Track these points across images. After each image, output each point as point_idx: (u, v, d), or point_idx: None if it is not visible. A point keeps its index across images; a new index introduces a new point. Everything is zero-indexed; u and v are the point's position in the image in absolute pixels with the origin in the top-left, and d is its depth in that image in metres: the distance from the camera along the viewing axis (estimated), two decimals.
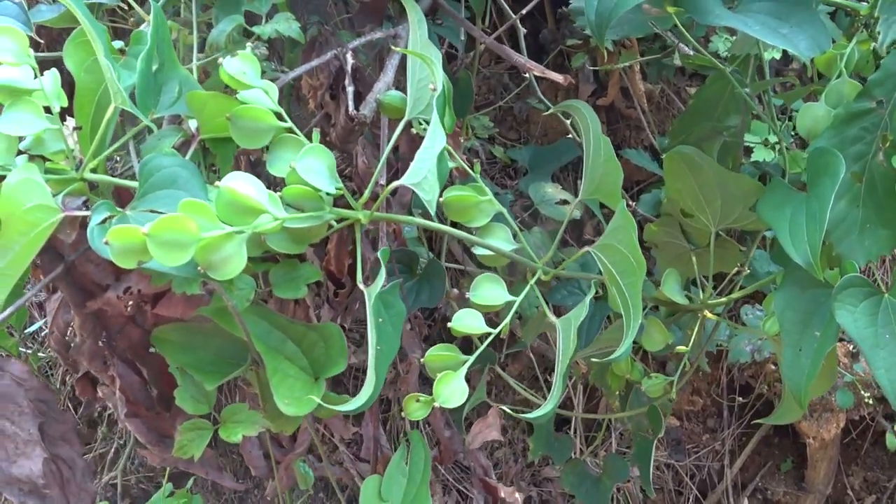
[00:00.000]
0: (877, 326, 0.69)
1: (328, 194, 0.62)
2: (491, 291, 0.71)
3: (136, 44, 0.68)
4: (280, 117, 0.63)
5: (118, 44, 0.74)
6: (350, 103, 0.78)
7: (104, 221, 0.57)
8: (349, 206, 0.65)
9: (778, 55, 1.31)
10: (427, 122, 0.63)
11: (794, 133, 1.18)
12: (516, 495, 0.88)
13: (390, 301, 0.65)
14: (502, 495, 0.88)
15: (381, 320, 0.63)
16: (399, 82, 0.77)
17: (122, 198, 0.65)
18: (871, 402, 1.61)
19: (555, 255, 0.78)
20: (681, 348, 0.91)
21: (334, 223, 0.65)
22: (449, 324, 0.69)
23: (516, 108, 1.68)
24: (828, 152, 0.69)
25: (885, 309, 0.69)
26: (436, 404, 0.64)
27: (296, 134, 0.64)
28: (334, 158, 0.64)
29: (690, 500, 1.76)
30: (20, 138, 0.61)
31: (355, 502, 0.84)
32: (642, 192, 1.63)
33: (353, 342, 1.51)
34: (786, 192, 0.74)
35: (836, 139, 0.72)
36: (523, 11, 1.12)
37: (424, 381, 0.78)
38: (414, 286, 0.91)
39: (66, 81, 0.64)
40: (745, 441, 1.79)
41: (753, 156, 1.37)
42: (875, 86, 0.70)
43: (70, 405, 1.66)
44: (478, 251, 0.74)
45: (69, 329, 0.79)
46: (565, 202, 1.11)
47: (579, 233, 1.47)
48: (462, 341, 0.75)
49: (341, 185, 0.63)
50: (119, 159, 0.91)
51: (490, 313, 0.71)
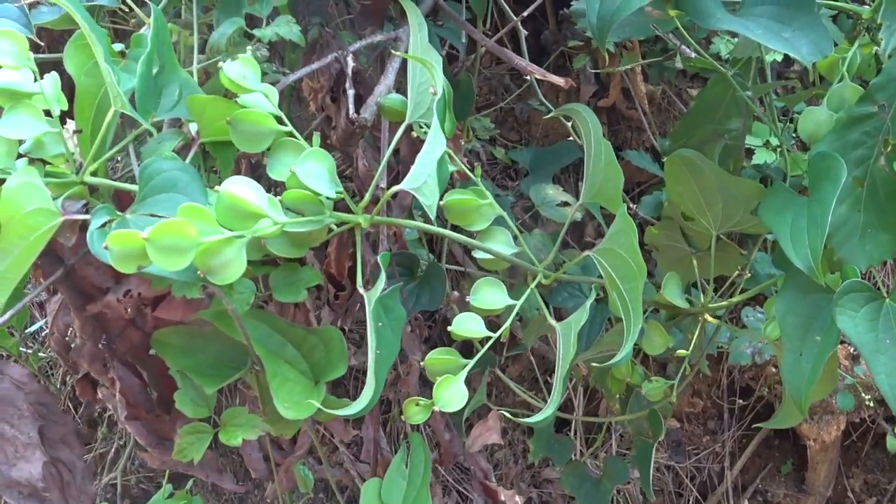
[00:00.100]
0: (877, 331, 0.69)
1: (328, 198, 0.62)
2: (491, 295, 0.71)
3: (137, 47, 0.68)
4: (280, 121, 0.63)
5: (119, 46, 0.74)
6: (351, 106, 0.78)
7: (104, 225, 0.56)
8: (349, 210, 0.65)
9: (779, 57, 1.31)
10: (428, 126, 0.63)
11: (795, 135, 1.17)
12: (516, 498, 0.88)
13: (390, 305, 0.64)
14: (502, 499, 0.88)
15: (380, 325, 0.63)
16: (400, 84, 0.77)
17: (122, 201, 0.65)
18: (871, 404, 1.61)
19: (556, 257, 0.78)
20: (681, 352, 0.91)
21: (334, 227, 0.65)
22: (450, 327, 0.69)
23: (517, 110, 1.68)
24: (829, 156, 0.69)
25: (886, 314, 0.69)
26: (436, 408, 0.64)
27: (296, 138, 0.64)
28: (334, 161, 0.63)
29: (690, 501, 1.76)
30: (20, 141, 0.61)
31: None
32: (643, 193, 1.62)
33: (353, 343, 1.50)
34: (787, 196, 0.74)
35: (838, 143, 0.71)
36: (525, 13, 1.12)
37: (425, 383, 0.77)
38: (414, 289, 0.90)
39: (67, 84, 0.64)
40: (745, 443, 1.79)
41: (755, 158, 1.37)
42: (877, 90, 0.70)
43: (70, 405, 1.66)
44: (478, 255, 0.74)
45: (69, 330, 0.79)
46: (566, 204, 1.10)
47: (580, 234, 1.47)
48: (462, 344, 0.74)
49: (341, 188, 0.63)
50: (119, 160, 0.91)
51: (490, 316, 0.71)
